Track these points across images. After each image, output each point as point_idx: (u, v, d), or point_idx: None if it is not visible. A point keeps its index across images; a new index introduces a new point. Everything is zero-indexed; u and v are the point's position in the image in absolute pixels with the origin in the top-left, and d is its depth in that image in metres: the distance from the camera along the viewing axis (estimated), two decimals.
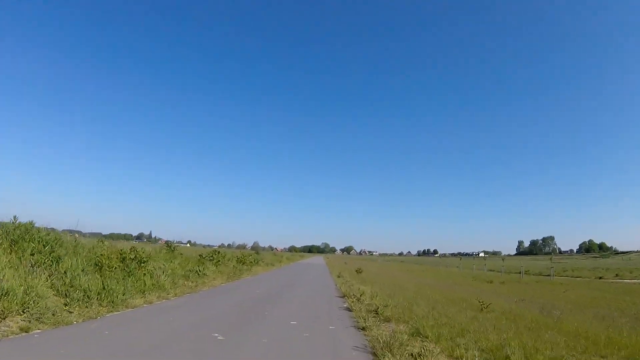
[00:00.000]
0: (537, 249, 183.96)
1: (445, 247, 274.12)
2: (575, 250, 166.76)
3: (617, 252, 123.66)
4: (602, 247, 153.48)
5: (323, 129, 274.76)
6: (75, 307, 7.29)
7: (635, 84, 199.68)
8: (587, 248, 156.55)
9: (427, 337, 6.64)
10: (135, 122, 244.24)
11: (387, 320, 8.51)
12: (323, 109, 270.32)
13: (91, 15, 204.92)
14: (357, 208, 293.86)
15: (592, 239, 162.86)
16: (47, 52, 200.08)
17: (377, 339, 6.20)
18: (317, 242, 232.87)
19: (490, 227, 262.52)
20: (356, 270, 28.80)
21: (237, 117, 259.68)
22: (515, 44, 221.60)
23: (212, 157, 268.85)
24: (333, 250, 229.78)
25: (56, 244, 9.33)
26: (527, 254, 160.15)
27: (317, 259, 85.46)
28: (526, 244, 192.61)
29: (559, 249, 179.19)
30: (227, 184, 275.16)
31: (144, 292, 10.08)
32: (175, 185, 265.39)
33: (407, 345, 5.89)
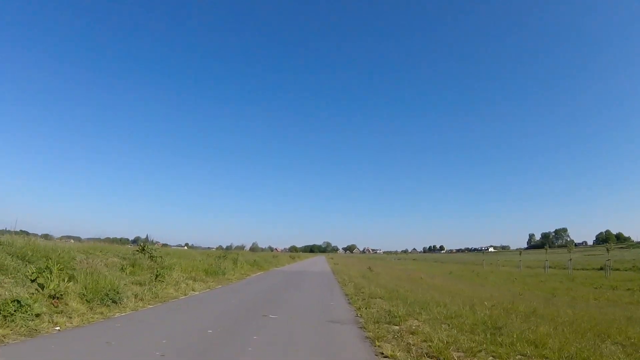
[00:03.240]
0: (550, 241, 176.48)
1: (451, 242, 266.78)
2: (591, 242, 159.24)
3: None
4: (619, 237, 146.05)
5: (322, 127, 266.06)
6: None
7: None
8: (605, 239, 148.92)
9: None
10: (129, 123, 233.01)
11: None
12: (322, 107, 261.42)
13: (87, 16, 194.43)
14: (358, 206, 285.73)
15: (608, 229, 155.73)
16: (40, 53, 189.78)
17: None
18: (319, 242, 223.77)
19: (496, 221, 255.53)
20: None
21: (235, 117, 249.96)
22: (512, 38, 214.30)
23: (210, 159, 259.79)
24: (335, 249, 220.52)
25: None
26: (539, 247, 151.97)
27: (319, 262, 55.17)
28: (536, 237, 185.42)
29: (573, 241, 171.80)
30: (227, 185, 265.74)
31: None
32: (172, 187, 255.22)
33: None
